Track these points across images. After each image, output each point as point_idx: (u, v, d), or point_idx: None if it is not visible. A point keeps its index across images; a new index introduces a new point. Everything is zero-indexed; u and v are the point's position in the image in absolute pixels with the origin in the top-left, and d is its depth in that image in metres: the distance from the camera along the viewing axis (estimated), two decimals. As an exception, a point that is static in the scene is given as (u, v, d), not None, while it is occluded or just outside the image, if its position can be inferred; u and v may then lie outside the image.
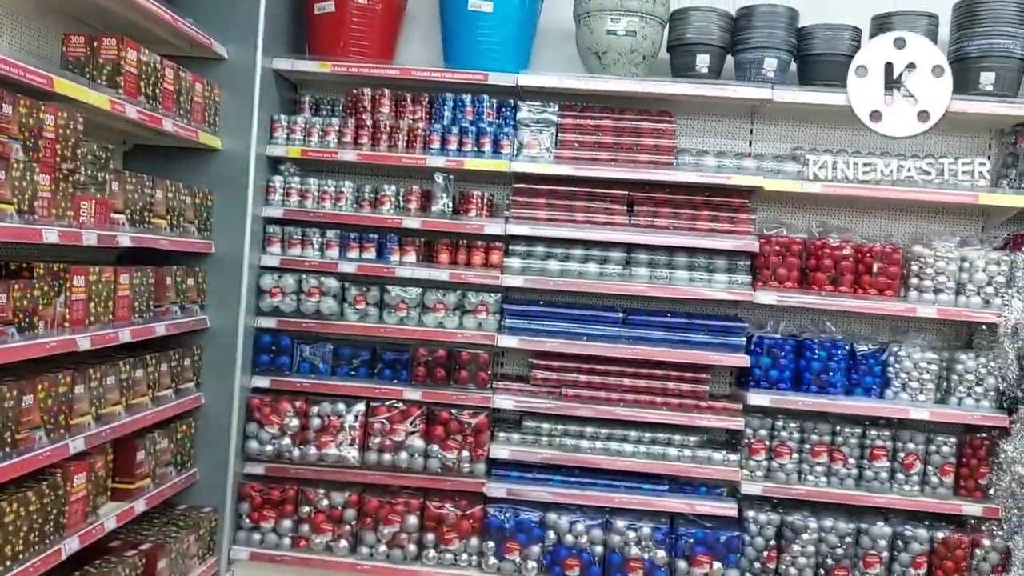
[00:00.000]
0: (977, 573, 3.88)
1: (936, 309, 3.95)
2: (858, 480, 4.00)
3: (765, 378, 4.04)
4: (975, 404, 3.96)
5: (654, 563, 3.93)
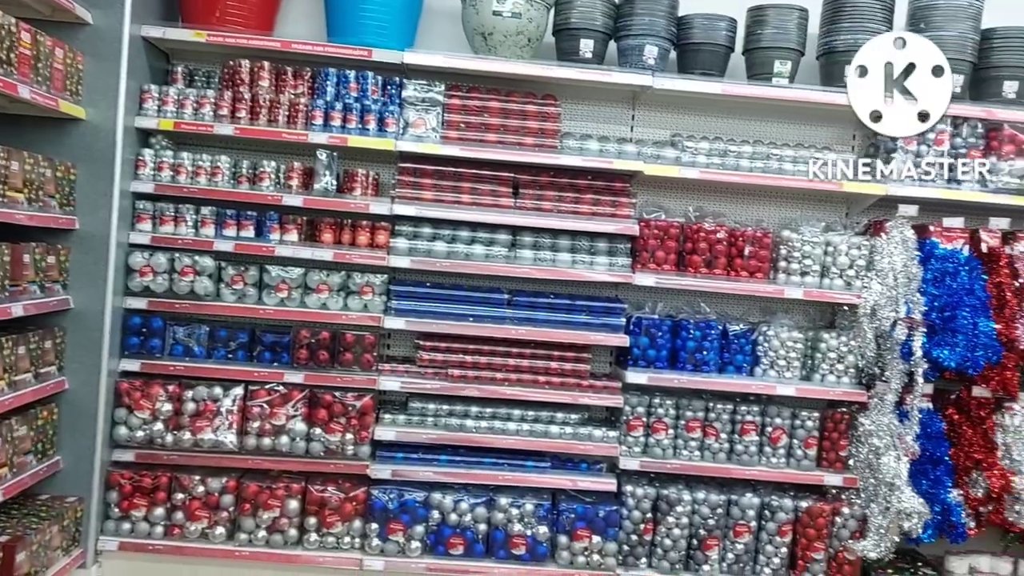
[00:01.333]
0: (837, 539, 4.14)
1: (802, 291, 4.16)
2: (729, 454, 4.19)
3: (643, 357, 4.16)
4: (836, 380, 4.20)
5: (536, 539, 4.00)
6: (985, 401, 4.21)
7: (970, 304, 4.04)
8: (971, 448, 4.15)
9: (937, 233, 4.18)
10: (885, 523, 3.98)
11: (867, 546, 4.00)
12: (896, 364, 4.04)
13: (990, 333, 4.00)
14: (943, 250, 4.13)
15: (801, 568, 4.11)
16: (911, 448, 3.99)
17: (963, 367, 4.00)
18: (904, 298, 4.05)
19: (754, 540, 4.12)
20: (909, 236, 4.14)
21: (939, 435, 4.14)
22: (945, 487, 4.07)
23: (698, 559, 4.08)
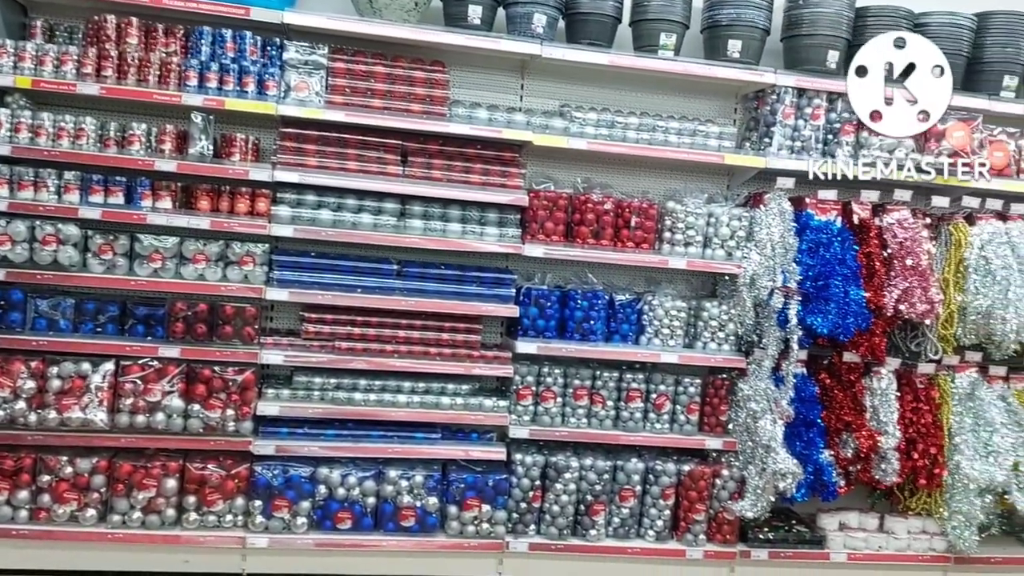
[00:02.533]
0: (717, 500, 4.28)
1: (686, 261, 4.26)
2: (616, 420, 4.27)
3: (533, 327, 4.18)
4: (717, 348, 4.33)
5: (426, 510, 3.98)
6: (855, 366, 4.43)
7: (842, 273, 4.22)
8: (842, 411, 4.36)
9: (812, 205, 4.34)
10: (762, 484, 4.15)
11: (745, 506, 4.16)
12: (773, 331, 4.20)
13: (860, 301, 4.20)
14: (818, 221, 4.30)
15: (683, 529, 4.24)
16: (786, 412, 4.16)
17: (835, 334, 4.18)
18: (781, 268, 4.20)
19: (639, 504, 4.23)
20: (786, 208, 4.29)
21: (812, 399, 4.33)
22: (817, 448, 4.26)
23: (585, 524, 4.15)
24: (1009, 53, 4.53)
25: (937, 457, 4.39)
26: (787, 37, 4.44)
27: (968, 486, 4.32)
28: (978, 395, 4.48)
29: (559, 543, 4.10)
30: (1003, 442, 4.36)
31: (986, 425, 4.41)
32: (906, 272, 4.28)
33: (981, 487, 4.32)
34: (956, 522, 4.36)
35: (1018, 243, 4.43)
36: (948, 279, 4.43)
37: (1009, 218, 4.50)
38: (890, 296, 4.27)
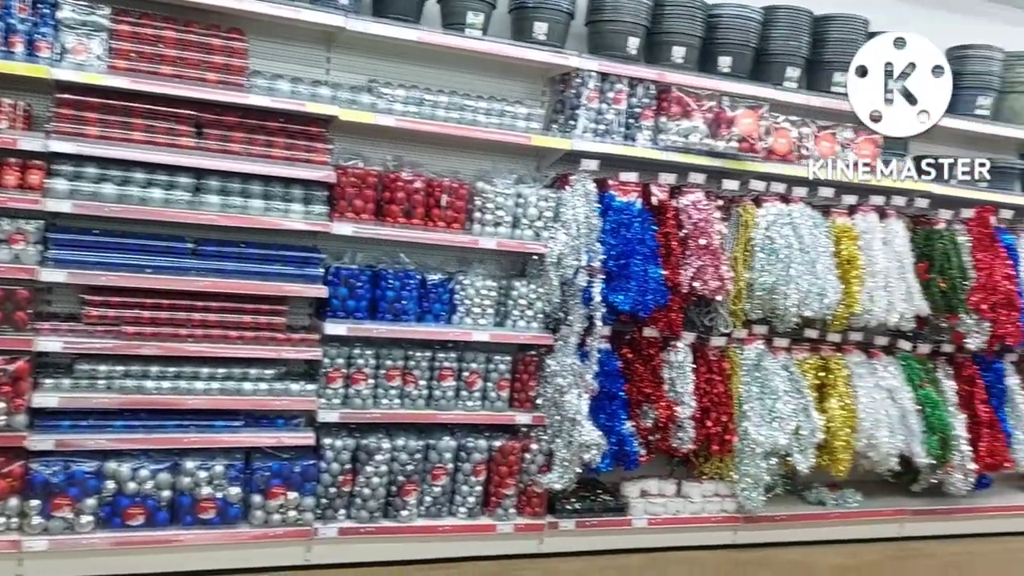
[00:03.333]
0: (526, 474, 4.38)
1: (496, 241, 4.30)
2: (428, 400, 4.26)
3: (343, 308, 4.08)
4: (527, 326, 4.41)
5: (228, 501, 3.80)
6: (654, 340, 4.66)
7: (642, 253, 4.42)
8: (642, 383, 4.58)
9: (615, 187, 4.50)
10: (568, 456, 4.28)
11: (552, 478, 4.28)
12: (578, 309, 4.33)
13: (658, 279, 4.41)
14: (620, 202, 4.47)
15: (494, 504, 4.31)
16: (591, 386, 4.31)
17: (635, 310, 4.37)
18: (585, 248, 4.33)
19: (451, 482, 4.25)
20: (591, 189, 4.43)
21: (615, 373, 4.51)
22: (620, 420, 4.45)
23: (397, 505, 4.12)
24: (792, 46, 4.89)
25: (728, 424, 4.70)
26: (591, 22, 4.58)
27: (755, 450, 4.66)
28: (764, 365, 4.84)
29: (370, 526, 4.05)
30: (785, 408, 4.73)
31: (771, 393, 4.77)
32: (700, 251, 4.54)
33: (766, 451, 4.67)
34: (745, 484, 4.70)
35: (799, 224, 4.81)
36: (737, 257, 4.74)
37: (791, 200, 4.86)
38: (685, 274, 4.52)
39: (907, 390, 5.09)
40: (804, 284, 4.67)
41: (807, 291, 4.68)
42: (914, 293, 5.04)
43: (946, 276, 5.13)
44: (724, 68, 4.75)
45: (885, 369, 5.12)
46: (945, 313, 5.15)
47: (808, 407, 4.80)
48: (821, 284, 4.73)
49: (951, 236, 5.21)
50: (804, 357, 4.99)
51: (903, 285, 5.02)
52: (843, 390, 4.94)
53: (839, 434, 4.84)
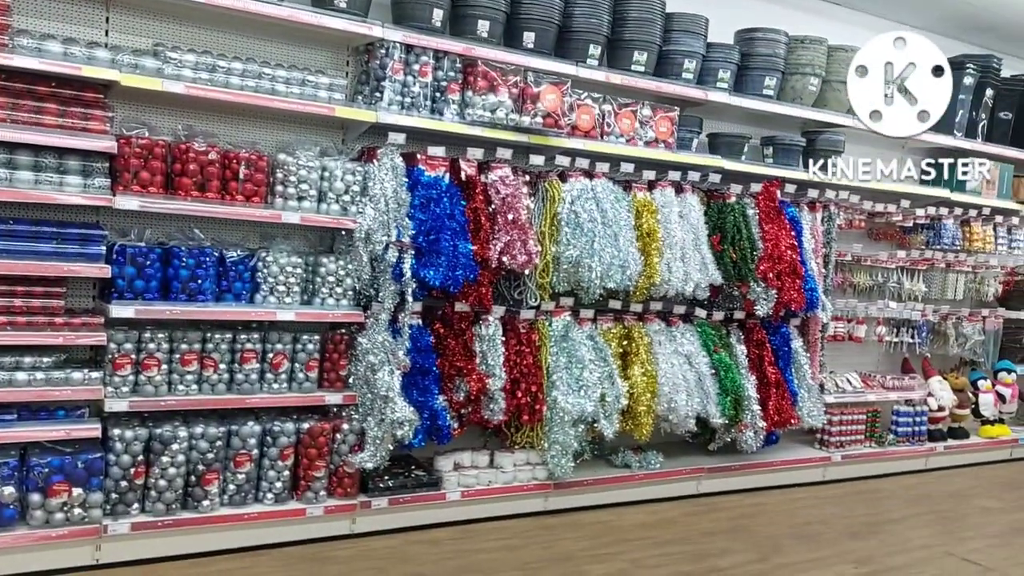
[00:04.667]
0: (337, 455, 4.29)
1: (300, 216, 4.15)
2: (230, 384, 4.07)
3: (130, 288, 3.81)
4: (336, 303, 4.30)
5: (1, 502, 3.47)
6: (465, 315, 4.68)
7: (451, 228, 4.41)
8: (455, 357, 4.59)
9: (423, 161, 4.46)
10: (380, 434, 4.23)
11: (364, 458, 4.22)
12: (389, 285, 4.27)
13: (468, 254, 4.42)
14: (428, 177, 4.44)
15: (303, 488, 4.19)
16: (403, 362, 4.27)
17: (446, 285, 4.37)
18: (395, 223, 4.27)
19: (256, 468, 4.09)
20: (399, 163, 4.36)
21: (428, 348, 4.50)
22: (433, 395, 4.45)
23: (197, 495, 3.91)
24: (593, 24, 5.02)
25: (537, 394, 4.82)
26: (395, -8, 4.50)
27: (564, 418, 4.80)
28: (571, 336, 4.98)
29: (167, 519, 3.82)
30: (591, 376, 4.89)
31: (577, 362, 4.92)
32: (508, 226, 4.60)
33: (574, 418, 4.82)
34: (554, 452, 4.84)
35: (602, 198, 4.97)
36: (544, 232, 4.84)
37: (595, 175, 5.02)
38: (494, 249, 4.56)
39: (703, 355, 5.41)
40: (607, 257, 4.84)
41: (610, 263, 4.85)
42: (708, 264, 5.35)
43: (737, 247, 5.48)
44: (528, 44, 4.81)
45: (683, 336, 5.42)
46: (736, 282, 5.51)
47: (613, 375, 5.00)
48: (623, 257, 4.92)
49: (741, 209, 5.56)
50: (608, 327, 5.19)
51: (698, 256, 5.32)
52: (645, 357, 5.19)
53: (642, 399, 5.08)
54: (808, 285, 5.73)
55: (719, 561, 4.44)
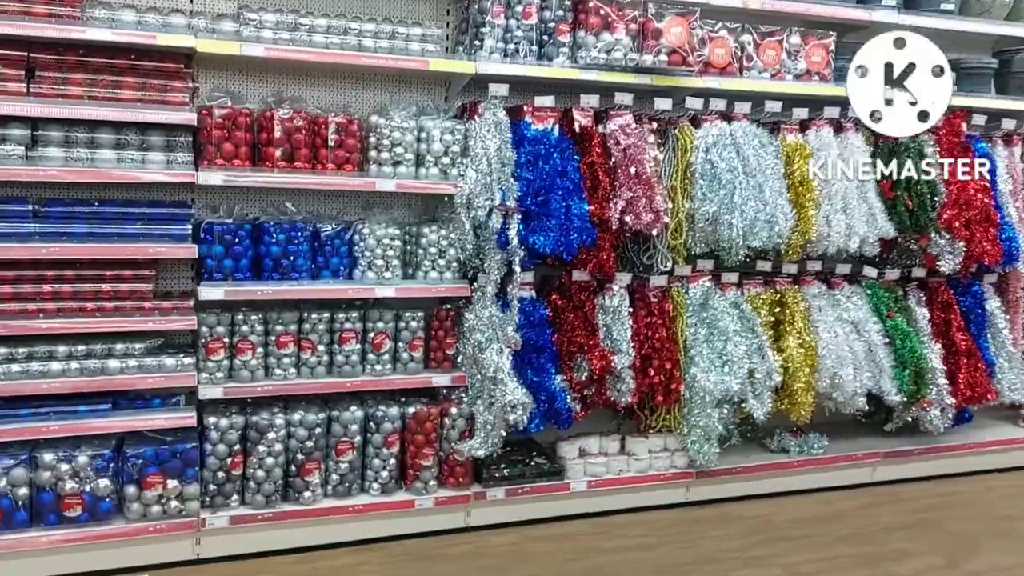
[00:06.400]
0: (447, 442, 3.93)
1: (395, 183, 3.79)
2: (329, 367, 3.79)
3: (219, 269, 3.59)
4: (439, 277, 3.92)
5: (96, 495, 3.35)
6: (585, 284, 4.18)
7: (563, 187, 3.91)
8: (574, 333, 4.11)
9: (529, 113, 3.97)
10: (491, 419, 3.83)
11: (474, 445, 3.84)
12: (494, 254, 3.84)
13: (583, 215, 3.92)
14: (535, 131, 3.95)
15: (412, 478, 3.87)
16: (513, 339, 3.84)
17: (558, 252, 3.89)
18: (499, 185, 3.83)
19: (360, 456, 3.80)
20: (502, 118, 3.91)
21: (543, 322, 4.04)
22: (549, 375, 3.99)
23: (297, 486, 3.67)
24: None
25: (673, 372, 4.25)
26: (491, -74, 4.00)
27: (704, 399, 4.21)
28: (711, 304, 4.36)
29: (267, 512, 3.61)
30: (736, 350, 4.26)
31: (720, 334, 4.30)
32: (630, 181, 4.04)
33: (717, 398, 4.22)
34: (695, 436, 4.26)
35: (743, 144, 4.30)
36: (675, 186, 4.24)
37: (734, 118, 4.35)
38: (615, 208, 4.02)
39: (874, 321, 4.62)
40: (750, 211, 4.18)
41: (754, 219, 4.18)
42: (877, 214, 4.54)
43: (913, 193, 4.62)
44: (649, -29, 4.19)
45: (848, 300, 4.66)
46: (914, 234, 4.66)
47: (763, 347, 4.34)
48: (770, 210, 4.23)
49: (918, 148, 4.68)
50: (757, 292, 4.52)
51: (864, 206, 4.53)
52: (801, 326, 4.48)
53: (798, 375, 4.39)
54: (1006, 234, 4.80)
55: (898, 568, 3.74)
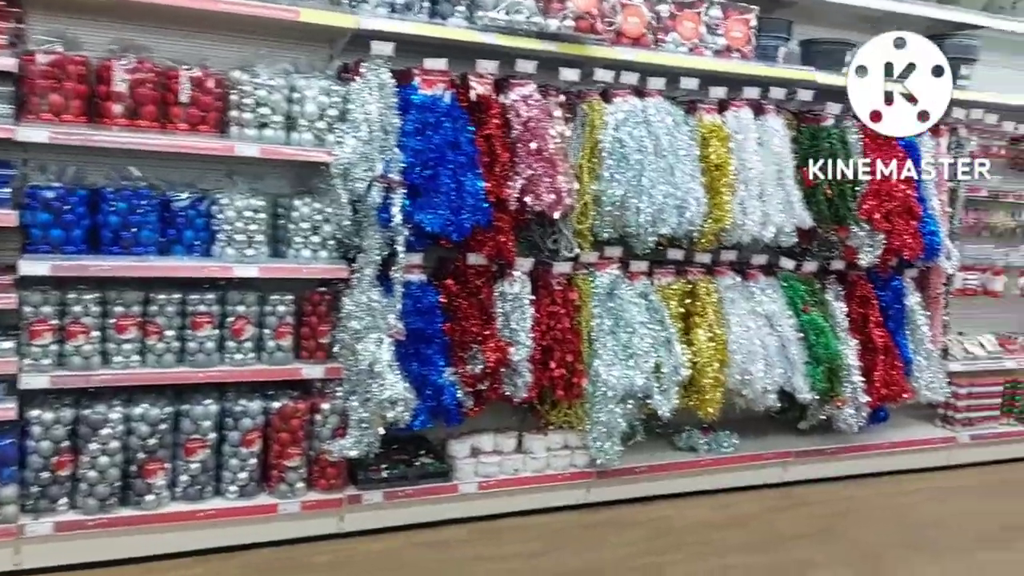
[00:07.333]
0: (319, 440, 3.53)
1: (259, 147, 3.36)
2: (180, 355, 3.35)
3: (45, 240, 3.11)
4: (312, 256, 3.52)
5: None
6: (483, 269, 3.81)
7: (455, 160, 3.54)
8: (468, 321, 3.74)
9: (418, 76, 3.57)
10: (367, 416, 3.44)
11: (346, 445, 3.44)
12: (375, 232, 3.45)
13: (477, 193, 3.55)
14: (422, 97, 3.55)
15: (276, 479, 3.46)
16: (394, 328, 3.46)
17: (447, 232, 3.51)
18: (381, 154, 3.43)
19: (214, 455, 3.38)
20: (386, 80, 3.50)
21: (432, 310, 3.65)
22: (438, 367, 3.62)
23: (138, 489, 3.23)
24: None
25: (575, 365, 3.92)
26: None
27: (607, 394, 3.89)
28: (618, 294, 4.04)
29: (101, 517, 3.16)
30: (642, 343, 3.96)
31: (626, 326, 3.99)
32: (531, 158, 3.69)
33: (621, 394, 3.91)
34: (597, 433, 3.95)
35: (655, 123, 3.98)
36: (583, 165, 3.89)
37: (647, 94, 4.02)
38: (514, 186, 3.66)
39: (788, 316, 4.36)
40: (659, 195, 3.86)
41: (663, 204, 3.87)
42: (795, 203, 4.27)
43: (834, 182, 4.36)
44: (554, -74, 3.82)
45: (763, 292, 4.38)
46: (833, 225, 4.42)
47: (671, 340, 4.04)
48: (680, 194, 3.93)
49: (840, 134, 4.42)
50: (668, 282, 4.21)
51: (782, 193, 4.25)
52: (713, 318, 4.19)
53: (707, 370, 4.10)
54: (927, 228, 4.58)
55: (798, 581, 3.48)
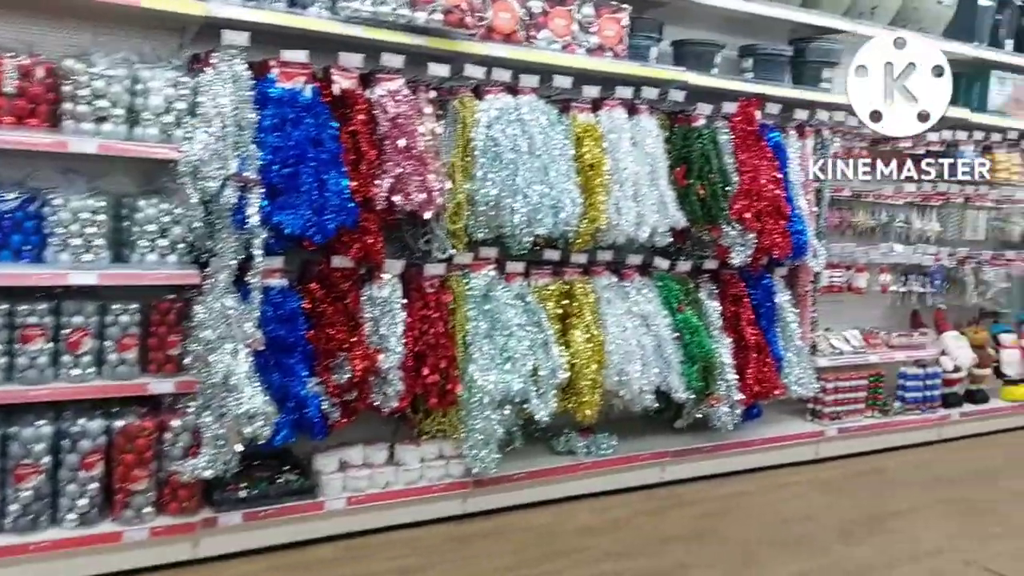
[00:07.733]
0: (169, 459, 3.27)
1: (97, 143, 3.07)
2: (8, 371, 3.03)
3: None
4: (160, 260, 3.25)
5: None
6: (349, 272, 3.62)
7: (317, 158, 3.35)
8: (334, 328, 3.54)
9: (276, 68, 3.36)
10: (222, 432, 3.20)
11: (200, 464, 3.19)
12: (229, 234, 3.21)
13: (341, 192, 3.37)
14: (281, 90, 3.34)
15: (120, 505, 3.18)
16: (253, 337, 3.23)
17: (308, 233, 3.31)
18: (236, 151, 3.20)
19: (50, 481, 3.07)
20: (240, 72, 3.27)
21: (294, 317, 3.45)
22: (300, 378, 3.42)
23: (-42, 523, 2.91)
24: None
25: (449, 371, 3.78)
26: None
27: (483, 400, 3.78)
28: (494, 295, 3.94)
29: (-91, 558, 2.83)
30: (519, 346, 3.87)
31: (502, 329, 3.88)
32: (400, 156, 3.54)
33: (498, 399, 3.80)
34: (473, 441, 3.82)
35: (528, 121, 3.89)
36: (455, 164, 3.76)
37: (520, 92, 3.93)
38: (382, 185, 3.50)
39: (663, 315, 4.36)
40: (534, 195, 3.78)
41: (538, 204, 3.78)
42: (668, 203, 4.27)
43: (706, 182, 4.39)
44: (422, -85, 3.67)
45: (639, 292, 4.36)
46: (706, 225, 4.45)
47: (548, 342, 3.96)
48: (555, 194, 3.85)
49: (711, 135, 4.46)
50: (544, 283, 4.13)
51: (656, 193, 4.24)
52: (590, 319, 4.13)
53: (585, 371, 4.04)
54: (795, 227, 4.67)
55: (673, 586, 3.46)
